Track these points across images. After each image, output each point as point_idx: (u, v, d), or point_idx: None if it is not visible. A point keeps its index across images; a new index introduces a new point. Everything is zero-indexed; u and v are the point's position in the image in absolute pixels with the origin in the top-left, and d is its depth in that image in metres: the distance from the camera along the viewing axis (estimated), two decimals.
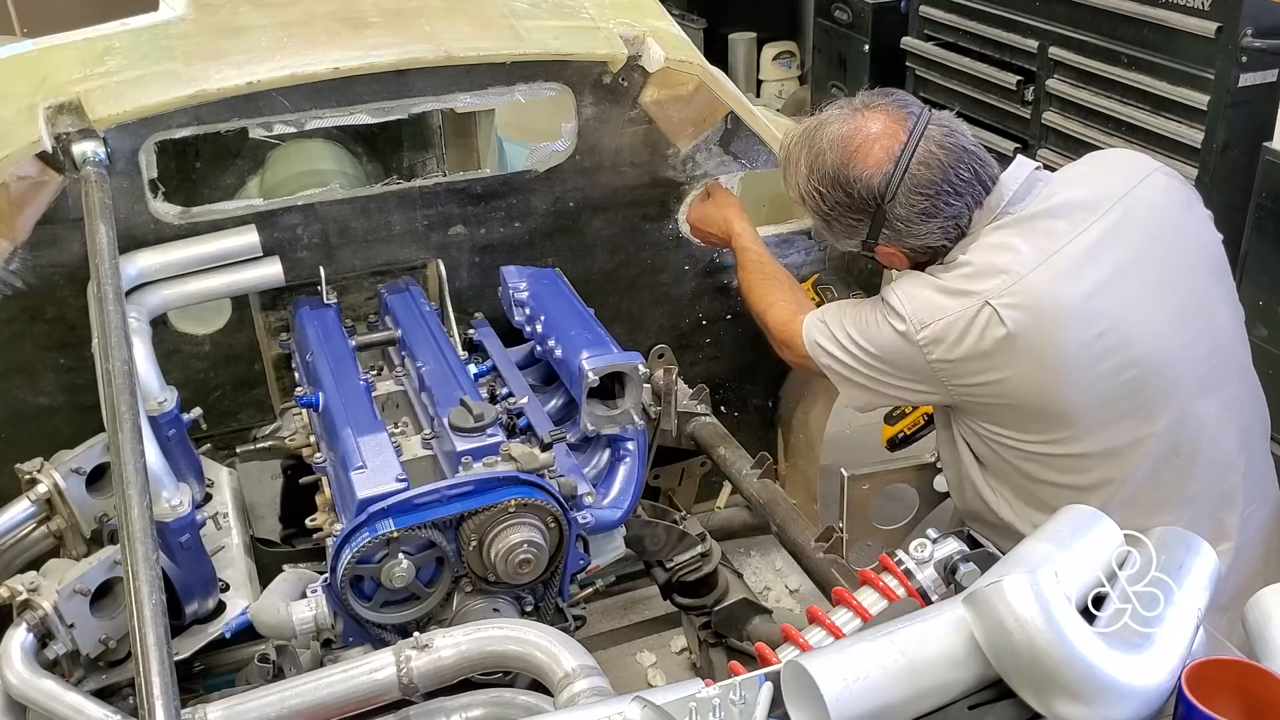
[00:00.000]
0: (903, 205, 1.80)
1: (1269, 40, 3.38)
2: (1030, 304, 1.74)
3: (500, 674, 1.65)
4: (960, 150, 1.81)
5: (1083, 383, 1.76)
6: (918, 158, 1.79)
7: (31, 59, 2.25)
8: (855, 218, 1.86)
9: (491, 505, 1.73)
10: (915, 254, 1.89)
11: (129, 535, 1.40)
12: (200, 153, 3.24)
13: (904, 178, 1.79)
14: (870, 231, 1.86)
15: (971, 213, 1.83)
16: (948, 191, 1.79)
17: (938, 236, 1.84)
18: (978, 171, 1.81)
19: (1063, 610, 1.16)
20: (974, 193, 1.81)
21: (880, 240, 1.87)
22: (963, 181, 1.80)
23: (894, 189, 1.79)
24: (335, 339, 2.22)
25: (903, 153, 1.79)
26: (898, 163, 1.79)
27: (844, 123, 1.85)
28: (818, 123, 1.88)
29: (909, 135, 1.80)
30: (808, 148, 1.87)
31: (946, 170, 1.79)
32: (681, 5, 6.61)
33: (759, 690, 1.21)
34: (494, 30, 2.31)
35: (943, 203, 1.80)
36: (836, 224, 1.90)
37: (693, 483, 2.89)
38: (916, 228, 1.82)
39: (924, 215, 1.81)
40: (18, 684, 1.67)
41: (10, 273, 2.12)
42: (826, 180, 1.84)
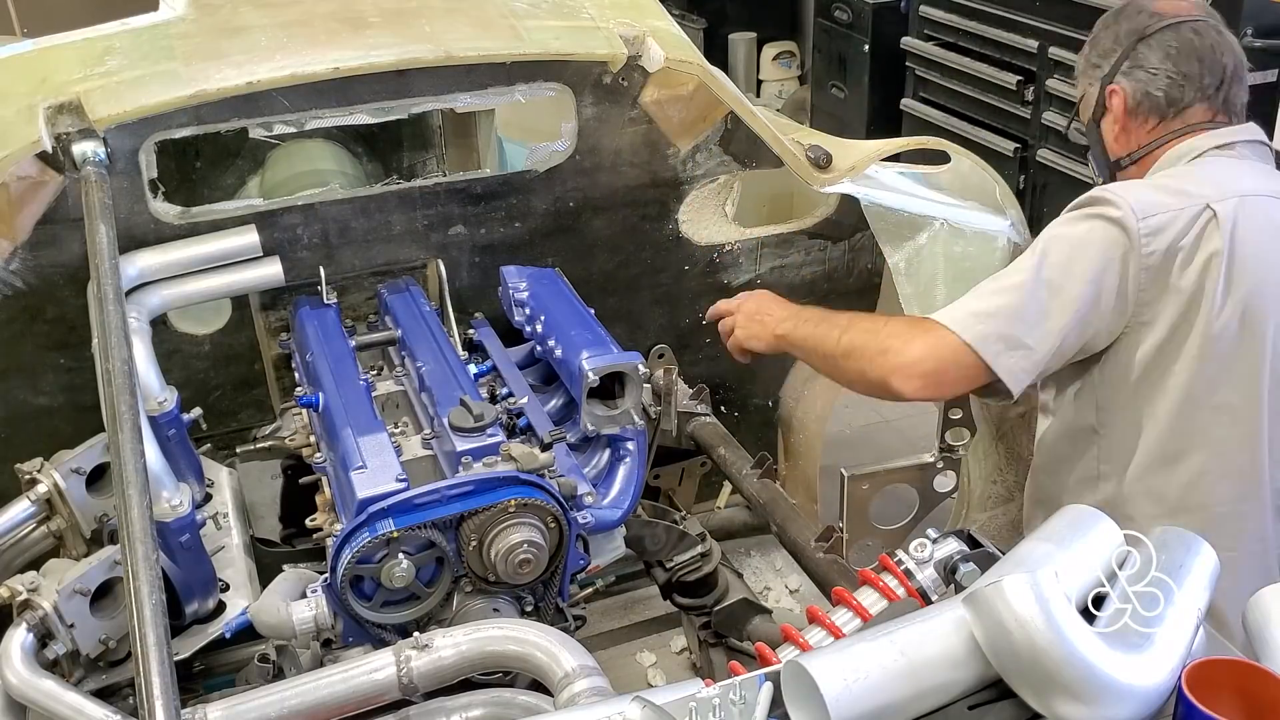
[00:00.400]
0: (1160, 41, 1.92)
1: (1269, 40, 3.38)
2: (1245, 222, 1.78)
3: (500, 674, 1.65)
4: (1227, 45, 1.94)
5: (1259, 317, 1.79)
6: (1194, 26, 1.92)
7: (31, 59, 2.25)
8: (1114, 42, 1.97)
9: (491, 505, 1.73)
10: (1134, 102, 1.95)
11: (129, 535, 1.40)
12: (200, 153, 3.24)
13: (1174, 27, 1.92)
14: (1116, 62, 1.95)
15: (1200, 94, 1.92)
16: (1196, 56, 1.91)
17: (1161, 85, 1.91)
18: (1228, 70, 1.93)
19: (1063, 610, 1.16)
20: (1212, 80, 1.92)
21: (1118, 74, 1.95)
22: (1209, 59, 1.91)
23: (1159, 28, 1.92)
24: (335, 339, 2.22)
25: (1187, 14, 1.93)
26: (1179, 17, 1.93)
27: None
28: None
29: (1192, 14, 1.94)
30: None
31: (1208, 44, 1.92)
32: (681, 5, 6.61)
33: (759, 690, 1.21)
34: (494, 30, 2.31)
35: (1187, 57, 1.91)
36: (1099, 46, 2.00)
37: (693, 483, 2.89)
38: (1154, 64, 1.91)
39: (1167, 56, 1.91)
40: (18, 684, 1.67)
41: (10, 273, 2.12)
42: (1121, 10, 2.00)
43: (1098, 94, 2.00)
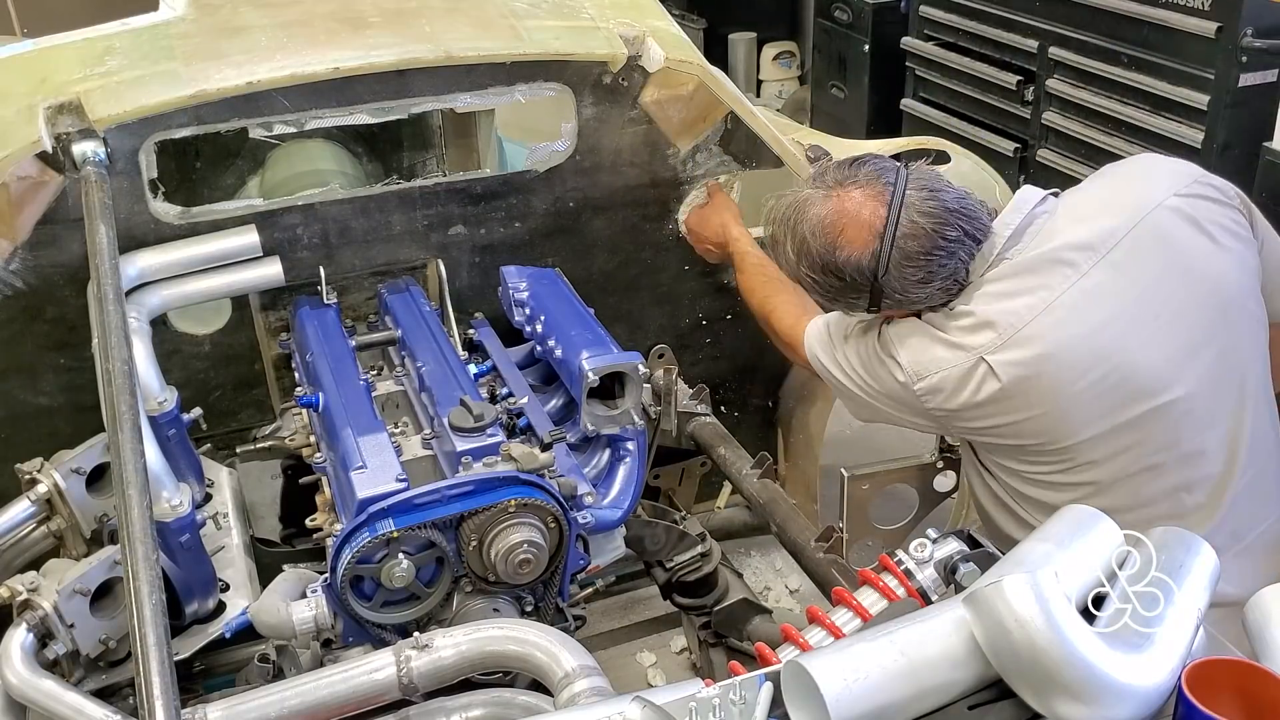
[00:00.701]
0: (896, 278, 1.79)
1: (1269, 40, 3.38)
2: (1025, 358, 1.74)
3: (500, 674, 1.65)
4: (944, 212, 1.78)
5: (1084, 420, 1.77)
6: (902, 231, 1.77)
7: (31, 59, 2.25)
8: (853, 296, 1.85)
9: (491, 505, 1.73)
10: (916, 310, 1.88)
11: (129, 535, 1.40)
12: (200, 153, 3.24)
13: (892, 252, 1.77)
14: (871, 302, 1.85)
15: (967, 265, 1.82)
16: (939, 255, 1.78)
17: (939, 296, 1.83)
18: (965, 229, 1.79)
19: (1063, 610, 1.16)
20: (965, 248, 1.80)
21: (884, 307, 1.86)
22: (951, 242, 1.78)
23: (884, 265, 1.78)
24: (335, 339, 2.22)
25: (885, 229, 1.77)
26: (882, 239, 1.77)
27: (822, 204, 1.82)
28: (795, 205, 1.86)
29: (889, 210, 1.77)
30: (791, 234, 1.85)
31: (934, 237, 1.77)
32: (681, 5, 6.61)
33: (759, 690, 1.21)
34: (494, 30, 2.31)
35: (936, 265, 1.78)
36: (837, 302, 1.91)
37: (693, 483, 2.89)
38: (914, 293, 1.81)
39: (920, 282, 1.80)
40: (18, 684, 1.67)
41: (10, 273, 2.12)
42: (816, 267, 1.83)
43: (867, 313, 1.92)
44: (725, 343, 2.80)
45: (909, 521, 2.33)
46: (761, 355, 2.83)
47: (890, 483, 2.25)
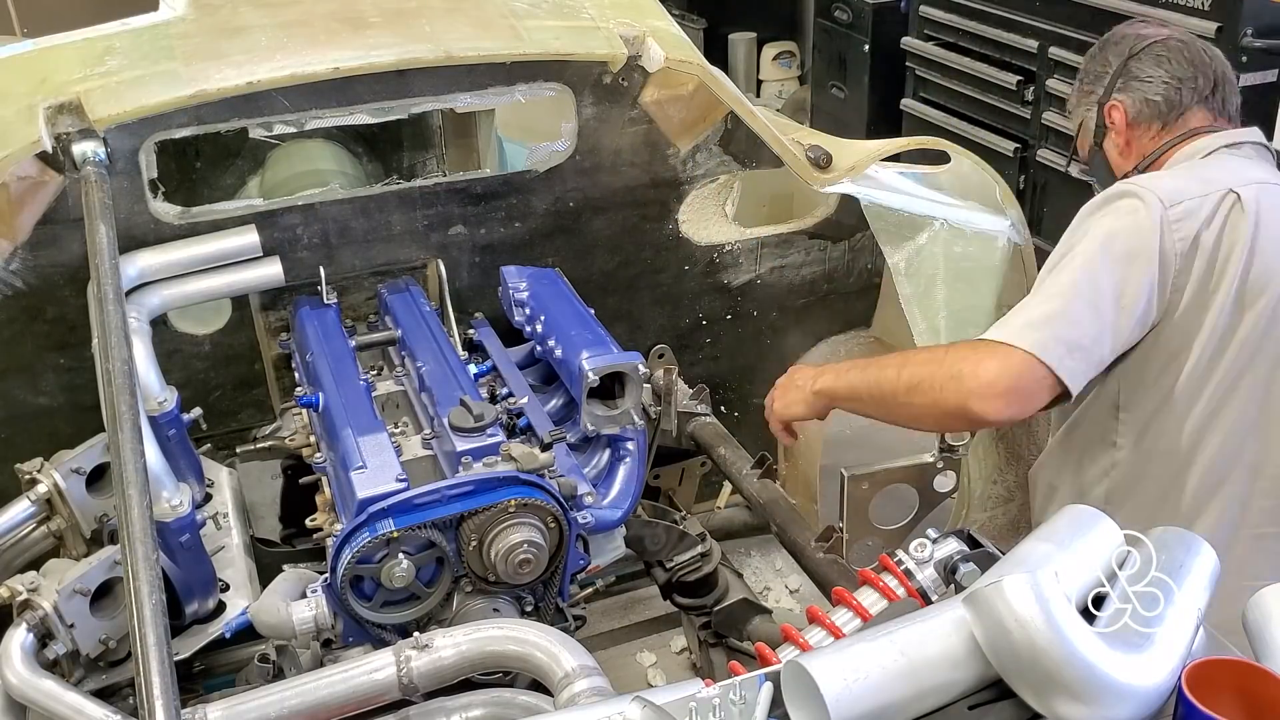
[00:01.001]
0: (1149, 54, 2.03)
1: (1269, 40, 3.38)
2: (1267, 198, 1.85)
3: (500, 674, 1.65)
4: (1214, 53, 2.06)
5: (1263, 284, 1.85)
6: (1181, 36, 2.06)
7: (31, 59, 2.25)
8: (1103, 65, 2.08)
9: (491, 505, 1.73)
10: (1134, 111, 2.03)
11: (129, 535, 1.40)
12: (200, 153, 3.24)
13: (1160, 42, 2.03)
14: (1110, 82, 2.05)
15: (1196, 96, 2.00)
16: (1187, 60, 2.01)
17: (1159, 89, 2.01)
18: (1219, 76, 2.03)
19: (1063, 610, 1.16)
20: (1206, 78, 2.01)
21: (1113, 92, 2.05)
22: (1200, 62, 2.02)
23: (1145, 43, 2.04)
24: (335, 339, 2.22)
25: (1169, 33, 2.06)
26: (1164, 36, 2.05)
27: (1146, 24, 2.13)
28: None
29: (1181, 35, 2.06)
30: None
31: (1195, 51, 2.03)
32: (681, 5, 6.61)
33: (759, 690, 1.21)
34: (494, 30, 2.31)
35: (1178, 62, 2.01)
36: (1091, 71, 2.11)
37: (693, 483, 2.89)
38: (1148, 71, 2.01)
39: (1158, 64, 2.01)
40: (18, 684, 1.67)
41: (10, 273, 2.12)
42: (1104, 42, 2.12)
43: (1095, 117, 2.10)
44: (725, 343, 2.80)
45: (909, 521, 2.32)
46: (761, 355, 2.83)
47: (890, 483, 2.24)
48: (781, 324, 2.81)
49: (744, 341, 2.80)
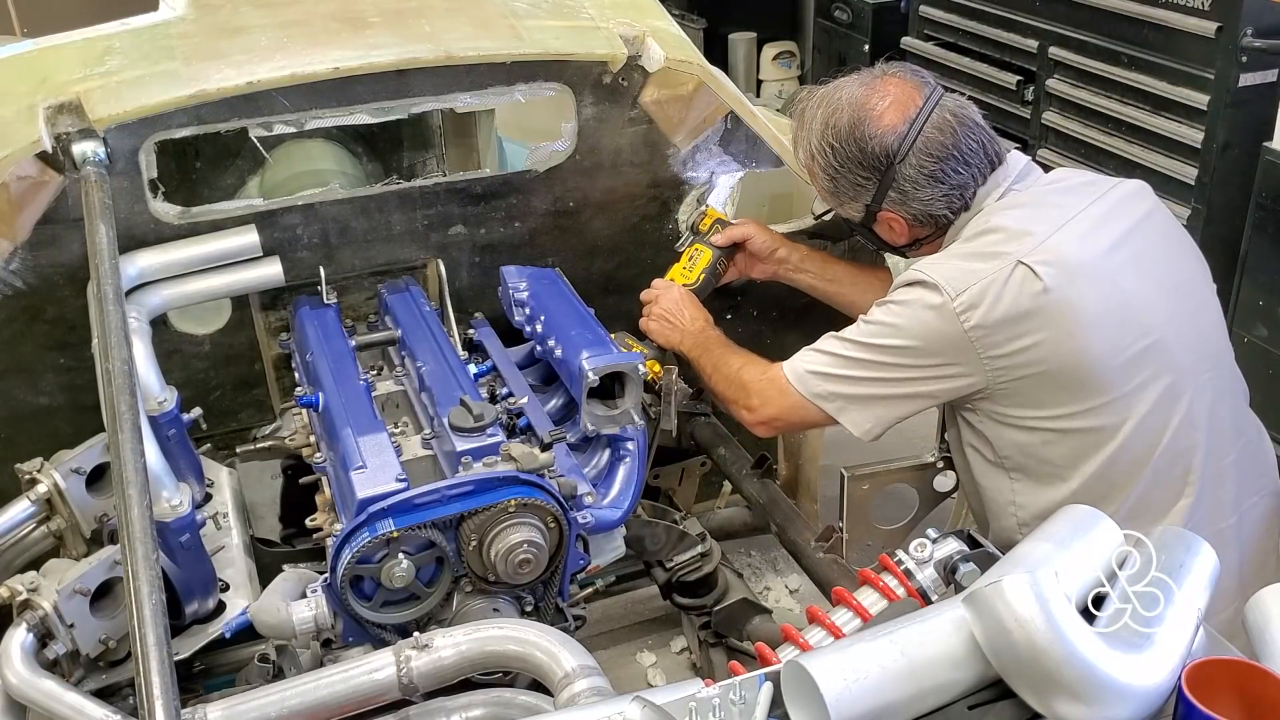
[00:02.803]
0: (912, 166, 1.85)
1: (1269, 40, 3.38)
2: (1059, 260, 1.77)
3: (500, 674, 1.65)
4: (971, 123, 1.88)
5: (1108, 344, 1.78)
6: (932, 122, 1.85)
7: (31, 59, 2.25)
8: (864, 176, 1.90)
9: (491, 505, 1.73)
10: (916, 223, 1.93)
11: (129, 535, 1.40)
12: (200, 153, 3.24)
13: (917, 138, 1.84)
14: (877, 193, 1.90)
15: (976, 186, 1.88)
16: (956, 159, 1.85)
17: (941, 205, 1.88)
18: (985, 145, 1.88)
19: (1063, 610, 1.16)
20: (980, 165, 1.87)
21: (885, 204, 1.91)
22: (971, 152, 1.86)
23: (905, 149, 1.85)
24: (335, 339, 2.22)
25: (918, 116, 1.86)
26: (912, 124, 1.85)
27: (861, 85, 1.91)
28: (835, 85, 1.94)
29: (925, 101, 1.87)
30: (824, 106, 1.93)
31: (958, 137, 1.85)
32: (681, 5, 6.60)
33: (759, 690, 1.21)
34: (494, 30, 2.31)
35: (950, 169, 1.85)
36: (844, 181, 1.93)
37: (693, 483, 2.89)
38: (922, 191, 1.87)
39: (931, 179, 1.86)
40: (18, 684, 1.67)
41: (10, 273, 2.12)
42: (841, 136, 1.89)
43: (863, 213, 1.96)
44: None
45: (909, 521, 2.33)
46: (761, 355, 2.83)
47: (890, 483, 2.24)
48: (781, 324, 2.80)
49: (744, 341, 2.79)
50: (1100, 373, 1.79)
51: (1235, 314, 3.29)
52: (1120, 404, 1.81)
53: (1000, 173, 1.89)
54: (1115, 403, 1.80)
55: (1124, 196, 1.92)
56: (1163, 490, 1.86)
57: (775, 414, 2.01)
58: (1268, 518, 1.98)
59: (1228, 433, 1.91)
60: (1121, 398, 1.80)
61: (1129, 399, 1.81)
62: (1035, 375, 1.81)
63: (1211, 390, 1.88)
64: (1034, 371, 1.80)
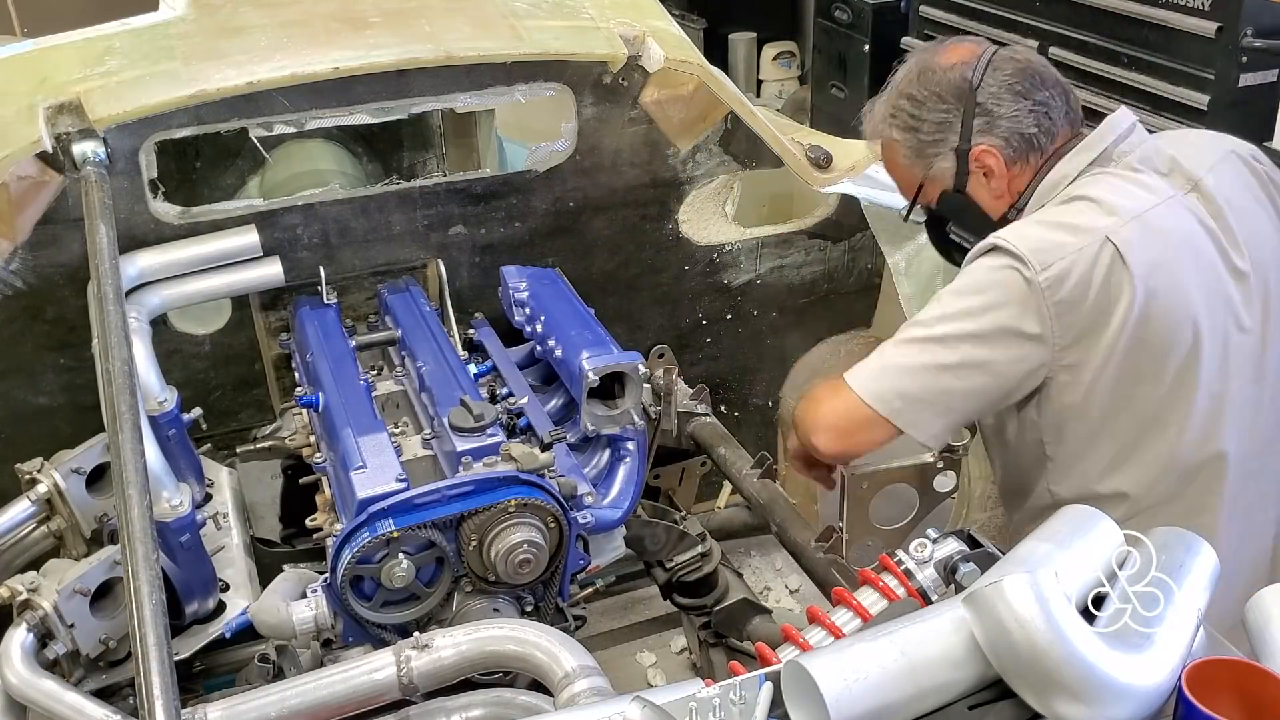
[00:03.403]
0: (993, 83, 1.81)
1: (1269, 40, 3.38)
2: (1148, 241, 1.70)
3: (500, 674, 1.65)
4: (1038, 58, 1.87)
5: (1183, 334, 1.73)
6: (1000, 54, 1.84)
7: (31, 59, 2.25)
8: (945, 109, 1.83)
9: (491, 505, 1.73)
10: (1009, 149, 1.82)
11: (129, 535, 1.40)
12: (200, 153, 3.24)
13: (989, 64, 1.82)
14: (964, 124, 1.82)
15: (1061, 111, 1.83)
16: (1031, 75, 1.82)
17: (1030, 121, 1.81)
18: (1060, 81, 1.85)
19: (1063, 610, 1.16)
20: (1055, 90, 1.83)
21: (975, 135, 1.83)
22: (1045, 75, 1.84)
23: (980, 73, 1.81)
24: (335, 339, 2.22)
25: (984, 51, 1.84)
26: (979, 58, 1.83)
27: (923, 50, 1.92)
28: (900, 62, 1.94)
29: (986, 49, 1.86)
30: (889, 86, 1.92)
31: (1028, 62, 1.84)
32: (681, 5, 6.61)
33: (759, 690, 1.21)
34: (494, 30, 2.31)
35: (1030, 84, 1.81)
36: (928, 125, 1.85)
37: (693, 483, 2.89)
38: (1008, 104, 1.80)
39: (1014, 93, 1.81)
40: (18, 684, 1.67)
41: (10, 273, 2.12)
42: (914, 83, 1.86)
43: (955, 166, 1.86)
44: (725, 343, 2.80)
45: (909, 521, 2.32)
46: (761, 355, 2.83)
47: (890, 483, 2.24)
48: (781, 324, 2.81)
49: (744, 341, 2.80)
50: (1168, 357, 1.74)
51: None
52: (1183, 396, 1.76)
53: (1094, 136, 1.82)
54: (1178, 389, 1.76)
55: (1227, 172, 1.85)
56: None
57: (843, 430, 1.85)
58: None
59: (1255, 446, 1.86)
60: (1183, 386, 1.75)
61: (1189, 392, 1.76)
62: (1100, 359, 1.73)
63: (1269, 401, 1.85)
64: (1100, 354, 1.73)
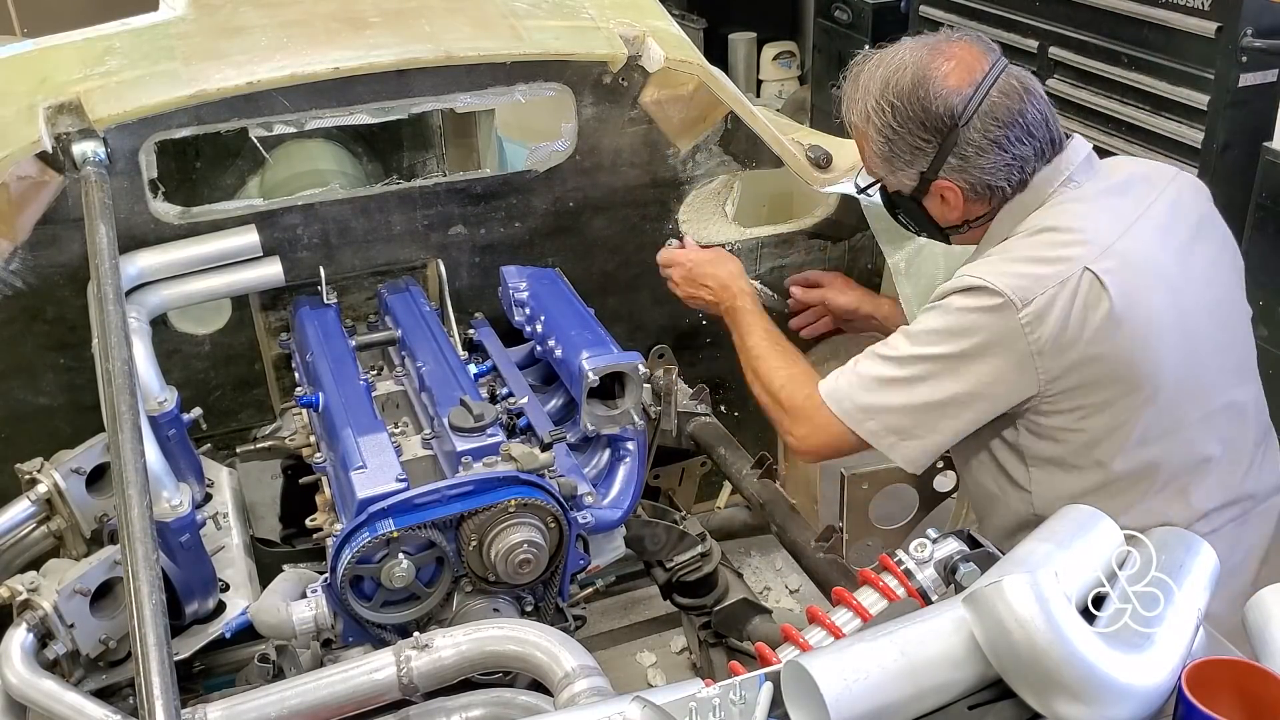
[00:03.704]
0: (976, 130, 1.75)
1: (1269, 40, 3.38)
2: (1125, 267, 1.69)
3: (500, 674, 1.65)
4: (1037, 93, 1.79)
5: (1171, 356, 1.73)
6: (998, 86, 1.75)
7: (31, 59, 2.25)
8: (924, 138, 1.78)
9: (491, 505, 1.73)
10: (972, 195, 1.81)
11: (129, 535, 1.40)
12: (200, 153, 3.24)
13: (983, 101, 1.75)
14: (936, 158, 1.79)
15: (1038, 162, 1.78)
16: (1020, 127, 1.76)
17: (1002, 175, 1.77)
18: (1049, 120, 1.79)
19: (1063, 610, 1.16)
20: (1043, 140, 1.78)
21: (943, 171, 1.80)
22: (1035, 123, 1.77)
23: (971, 111, 1.74)
24: (335, 339, 2.22)
25: (984, 79, 1.75)
26: (978, 87, 1.75)
27: (926, 47, 1.81)
28: (896, 46, 1.84)
29: (991, 66, 1.77)
30: (884, 66, 1.82)
31: (1024, 104, 1.76)
32: (681, 5, 6.61)
33: (759, 690, 1.21)
34: (494, 30, 2.31)
35: (1015, 137, 1.76)
36: (901, 143, 1.80)
37: (693, 483, 2.89)
38: (984, 158, 1.76)
39: (995, 145, 1.75)
40: (18, 684, 1.67)
41: (10, 273, 2.12)
42: (903, 94, 1.77)
43: (916, 183, 1.84)
44: (725, 343, 2.78)
45: (909, 521, 2.33)
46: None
47: (890, 483, 2.24)
48: (782, 324, 2.81)
49: None
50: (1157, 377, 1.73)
51: None
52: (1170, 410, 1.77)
53: (1062, 159, 1.79)
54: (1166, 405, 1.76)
55: (1183, 195, 1.85)
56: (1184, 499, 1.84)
57: (820, 446, 1.90)
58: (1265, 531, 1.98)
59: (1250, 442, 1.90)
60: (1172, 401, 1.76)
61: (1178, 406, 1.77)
62: (1088, 385, 1.73)
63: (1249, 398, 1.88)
64: (1088, 380, 1.73)
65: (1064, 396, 1.75)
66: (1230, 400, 1.86)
